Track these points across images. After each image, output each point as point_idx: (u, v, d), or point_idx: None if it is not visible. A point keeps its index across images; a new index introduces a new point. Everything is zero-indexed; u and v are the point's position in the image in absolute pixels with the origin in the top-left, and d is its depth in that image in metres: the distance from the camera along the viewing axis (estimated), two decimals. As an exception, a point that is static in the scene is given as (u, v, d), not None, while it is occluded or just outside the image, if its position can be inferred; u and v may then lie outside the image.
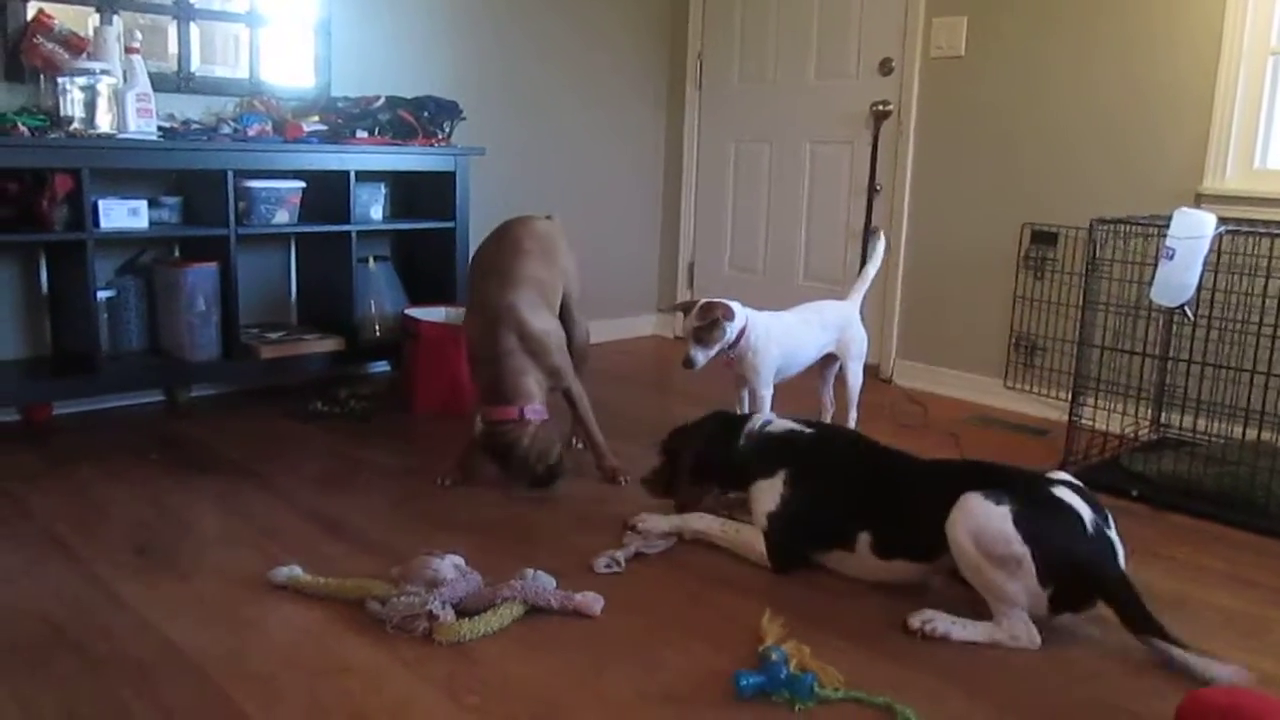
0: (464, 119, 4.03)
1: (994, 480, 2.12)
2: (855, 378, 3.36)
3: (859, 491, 2.33)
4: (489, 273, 2.93)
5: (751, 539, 2.42)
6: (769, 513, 2.39)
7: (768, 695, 1.83)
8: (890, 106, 4.33)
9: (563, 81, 4.72)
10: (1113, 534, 2.09)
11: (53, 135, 3.07)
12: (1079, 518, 2.04)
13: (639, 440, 3.26)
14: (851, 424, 3.34)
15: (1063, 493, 2.09)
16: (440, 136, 3.94)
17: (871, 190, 4.43)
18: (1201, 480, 2.95)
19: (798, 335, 3.24)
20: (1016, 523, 2.00)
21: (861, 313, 3.42)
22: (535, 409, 2.79)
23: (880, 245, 3.43)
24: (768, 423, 2.57)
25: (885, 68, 4.34)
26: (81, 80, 3.11)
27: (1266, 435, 3.08)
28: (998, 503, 2.03)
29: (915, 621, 2.12)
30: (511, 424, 2.76)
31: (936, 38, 4.15)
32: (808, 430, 2.51)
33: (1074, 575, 2.02)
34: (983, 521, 2.03)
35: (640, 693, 1.86)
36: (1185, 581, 2.44)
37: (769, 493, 2.41)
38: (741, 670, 1.86)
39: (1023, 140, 3.94)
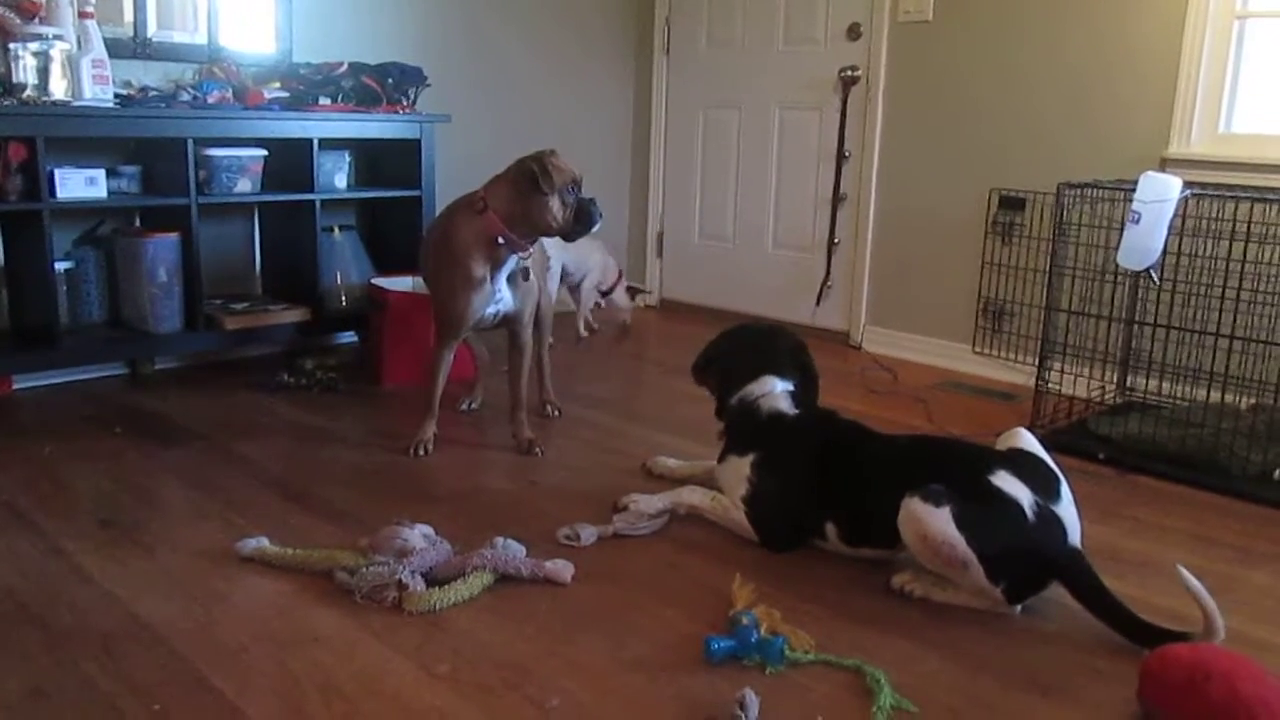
0: (429, 85, 3.97)
1: (937, 468, 2.11)
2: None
3: (822, 483, 2.29)
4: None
5: (740, 518, 2.38)
6: (742, 496, 2.37)
7: (739, 659, 1.84)
8: (859, 72, 4.31)
9: (528, 46, 4.67)
10: (1061, 508, 2.06)
11: (5, 103, 2.99)
12: (1018, 506, 2.01)
13: (605, 410, 3.26)
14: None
15: (1001, 480, 2.04)
16: (405, 103, 3.88)
17: (840, 157, 4.42)
18: (1166, 442, 2.98)
19: None
20: (960, 525, 1.99)
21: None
22: None
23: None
24: (763, 395, 2.46)
25: (853, 32, 4.32)
26: (34, 46, 3.03)
27: (1229, 397, 3.11)
28: (938, 504, 2.01)
29: (897, 582, 2.14)
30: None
31: (904, 2, 4.12)
32: (790, 414, 2.44)
33: (1022, 567, 2.02)
34: (926, 527, 2.01)
35: (612, 659, 1.86)
36: (1150, 541, 2.47)
37: (736, 474, 2.39)
38: (712, 635, 1.86)
39: (990, 105, 3.94)
